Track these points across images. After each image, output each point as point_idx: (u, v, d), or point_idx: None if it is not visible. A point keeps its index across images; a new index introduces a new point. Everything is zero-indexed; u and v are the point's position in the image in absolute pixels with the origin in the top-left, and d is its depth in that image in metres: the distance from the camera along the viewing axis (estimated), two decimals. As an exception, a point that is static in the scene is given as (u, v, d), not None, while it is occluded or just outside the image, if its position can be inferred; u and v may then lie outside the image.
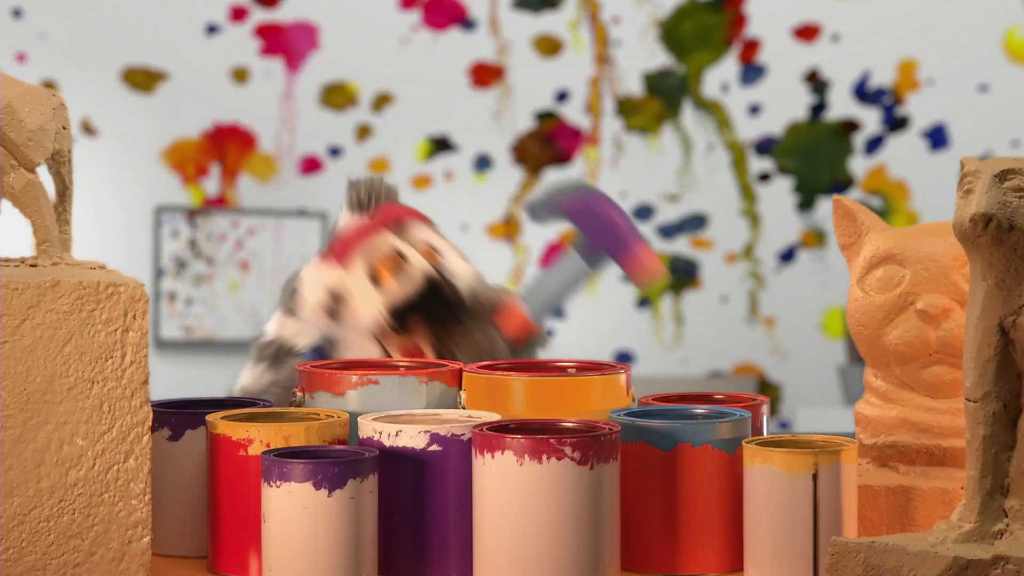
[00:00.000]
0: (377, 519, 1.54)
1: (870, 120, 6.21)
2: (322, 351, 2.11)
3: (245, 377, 2.15)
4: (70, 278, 1.52)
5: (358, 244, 2.10)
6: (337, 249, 2.11)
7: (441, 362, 1.81)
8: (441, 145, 6.23)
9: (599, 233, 2.22)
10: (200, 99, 6.08)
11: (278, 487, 1.50)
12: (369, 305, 2.06)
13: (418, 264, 2.07)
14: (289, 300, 2.18)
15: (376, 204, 2.14)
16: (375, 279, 2.07)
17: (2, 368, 1.48)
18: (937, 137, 6.18)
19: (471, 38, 6.24)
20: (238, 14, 6.11)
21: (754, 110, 6.25)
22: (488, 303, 2.12)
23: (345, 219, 2.15)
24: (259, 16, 6.13)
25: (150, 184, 6.05)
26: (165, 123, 6.08)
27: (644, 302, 6.29)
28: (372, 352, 2.06)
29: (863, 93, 6.22)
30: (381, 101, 6.21)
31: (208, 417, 1.64)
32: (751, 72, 6.26)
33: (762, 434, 1.74)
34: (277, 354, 2.19)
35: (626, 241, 2.22)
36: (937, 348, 1.69)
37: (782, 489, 1.53)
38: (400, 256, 2.08)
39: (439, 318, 2.09)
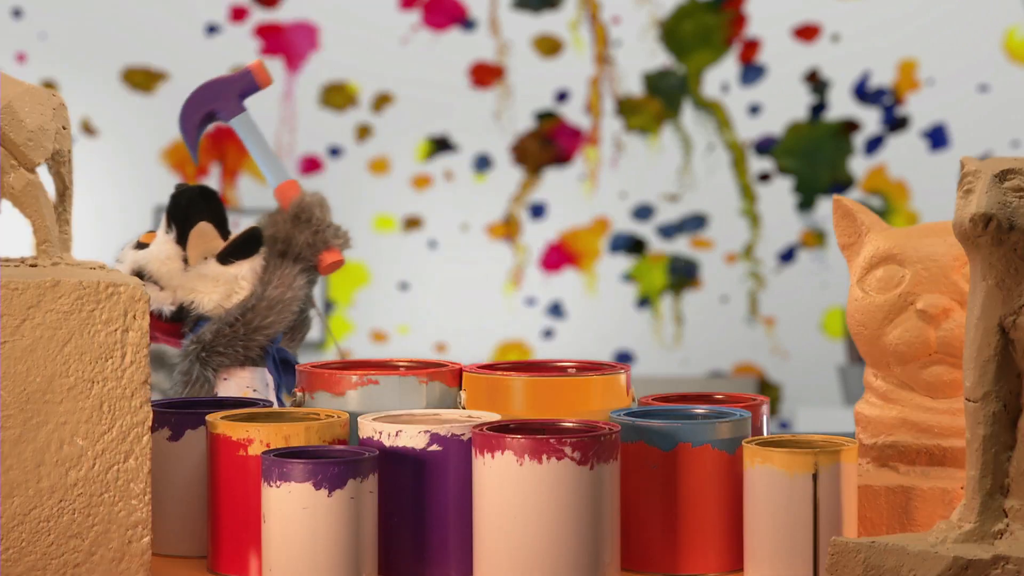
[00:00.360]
0: (377, 519, 1.54)
1: (870, 120, 6.21)
2: (195, 327, 2.13)
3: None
4: (70, 278, 1.52)
5: None
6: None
7: (441, 362, 1.81)
8: (441, 145, 6.23)
9: (212, 95, 2.29)
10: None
11: (278, 487, 1.50)
12: (158, 255, 2.10)
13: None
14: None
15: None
16: (141, 244, 2.13)
17: (2, 368, 1.48)
18: (937, 137, 6.18)
19: (471, 38, 6.24)
20: (238, 14, 6.11)
21: (754, 110, 6.25)
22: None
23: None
24: (259, 16, 6.13)
25: (150, 184, 6.05)
26: (165, 123, 6.07)
27: (644, 302, 6.29)
28: (204, 272, 2.09)
29: (863, 93, 6.22)
30: (381, 101, 6.21)
31: (208, 417, 1.64)
32: (751, 72, 6.26)
33: (762, 434, 1.74)
34: (157, 360, 2.23)
35: (226, 83, 2.28)
36: (937, 348, 1.69)
37: (782, 489, 1.53)
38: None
39: (213, 214, 2.15)
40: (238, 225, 2.20)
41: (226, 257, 2.09)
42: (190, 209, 2.14)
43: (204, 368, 2.01)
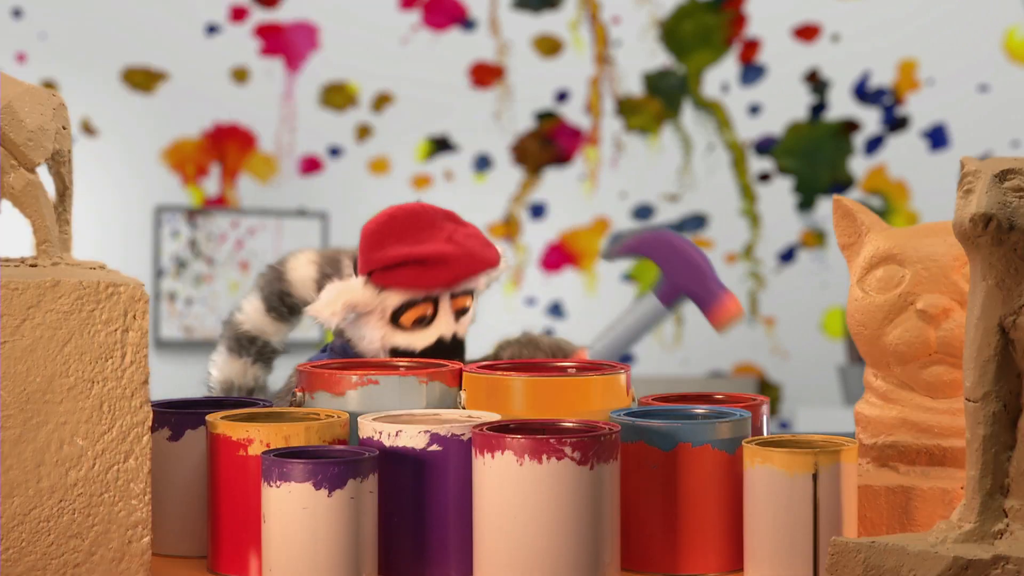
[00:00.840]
0: (377, 519, 1.54)
1: (870, 120, 6.21)
2: (340, 348, 2.14)
3: (227, 368, 2.17)
4: (70, 278, 1.52)
5: (401, 276, 2.11)
6: (376, 272, 2.11)
7: (441, 362, 1.81)
8: (441, 145, 6.23)
9: (680, 272, 2.24)
10: (200, 99, 6.08)
11: (278, 487, 1.50)
12: (377, 337, 2.09)
13: (441, 326, 2.10)
14: (274, 297, 2.20)
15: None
16: (396, 319, 2.09)
17: (2, 368, 1.48)
18: (937, 137, 6.18)
19: (471, 38, 6.24)
20: (238, 14, 6.11)
21: (754, 110, 6.25)
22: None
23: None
24: (259, 16, 6.13)
25: (150, 184, 6.05)
26: (165, 123, 6.08)
27: (644, 302, 6.29)
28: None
29: (863, 93, 6.22)
30: (381, 101, 6.21)
31: (208, 417, 1.64)
32: (751, 72, 6.26)
33: (762, 434, 1.74)
34: (262, 351, 2.21)
35: (707, 282, 2.23)
36: (937, 348, 1.69)
37: (782, 489, 1.53)
38: (430, 312, 2.11)
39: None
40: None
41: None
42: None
43: None
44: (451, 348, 2.09)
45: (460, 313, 2.13)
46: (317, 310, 2.09)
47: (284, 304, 2.22)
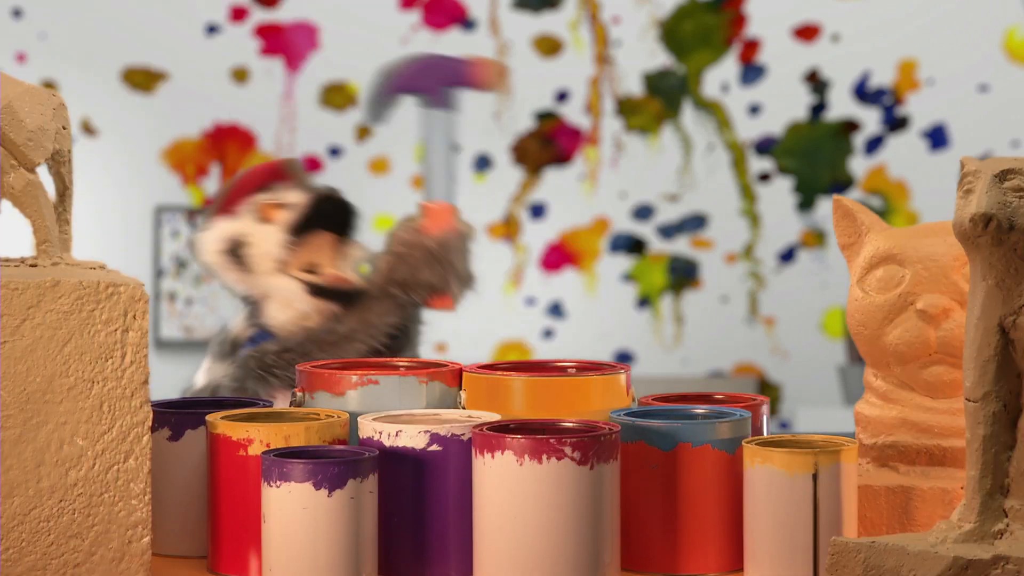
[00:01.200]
0: (377, 519, 1.54)
1: (870, 120, 6.21)
2: (258, 336, 2.15)
3: (200, 376, 2.20)
4: (70, 278, 1.52)
5: (240, 198, 2.18)
6: (223, 205, 2.18)
7: (441, 362, 1.81)
8: (441, 145, 6.22)
9: (430, 78, 2.23)
10: (200, 99, 6.08)
11: (278, 487, 1.50)
12: (267, 239, 2.13)
13: (298, 196, 2.15)
14: (247, 305, 2.24)
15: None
16: (264, 218, 2.14)
17: (2, 368, 1.48)
18: (937, 137, 6.18)
19: (471, 38, 6.24)
20: (238, 14, 6.11)
21: (754, 110, 6.25)
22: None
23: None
24: (259, 16, 6.13)
25: (150, 184, 6.05)
26: (165, 123, 6.08)
27: (644, 302, 6.29)
28: (288, 287, 2.11)
29: (863, 93, 6.21)
30: (381, 101, 6.20)
31: (208, 417, 1.64)
32: (751, 72, 6.25)
33: (762, 434, 1.74)
34: (231, 348, 2.23)
35: (453, 68, 2.23)
36: (937, 348, 1.69)
37: (782, 489, 1.53)
38: (279, 201, 2.15)
39: (338, 226, 2.17)
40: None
41: (319, 293, 2.11)
42: (324, 216, 2.16)
43: (257, 384, 2.04)
44: (337, 199, 2.15)
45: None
46: (202, 255, 2.16)
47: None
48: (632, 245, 6.27)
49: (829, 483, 1.53)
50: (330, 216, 2.16)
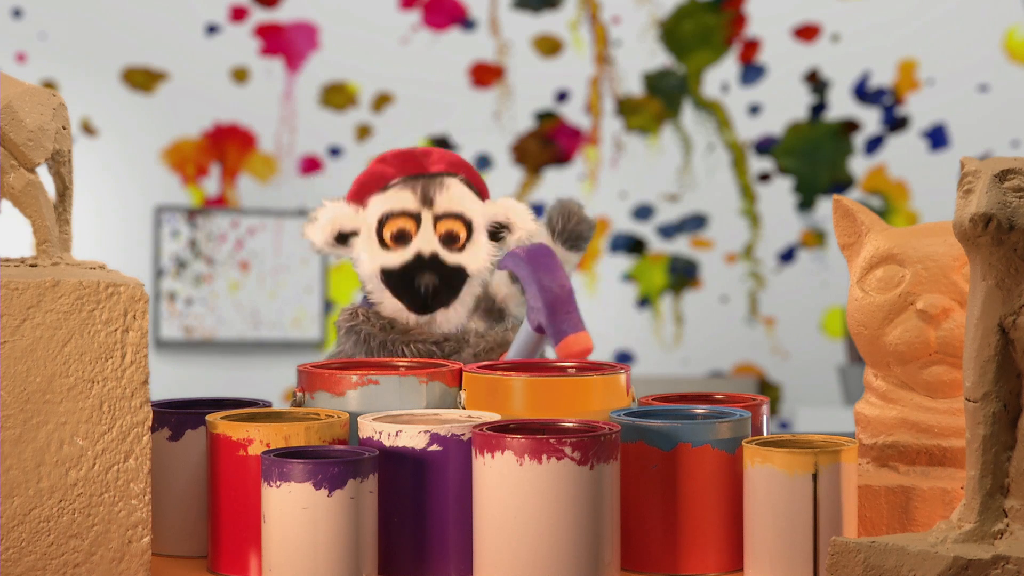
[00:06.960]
0: (377, 519, 1.54)
1: (870, 120, 6.21)
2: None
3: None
4: (70, 278, 1.52)
5: (365, 186, 2.19)
6: (359, 191, 2.19)
7: (441, 362, 1.81)
8: (441, 145, 6.23)
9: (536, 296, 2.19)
10: (200, 99, 6.08)
11: (278, 487, 1.50)
12: (366, 258, 2.14)
13: (420, 242, 2.13)
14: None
15: (566, 227, 2.31)
16: (381, 238, 2.15)
17: (2, 368, 1.48)
18: (937, 137, 6.18)
19: (471, 38, 6.24)
20: (238, 14, 6.11)
21: (754, 110, 6.25)
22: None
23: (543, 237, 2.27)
24: (259, 16, 6.13)
25: (150, 184, 6.05)
26: (165, 123, 6.08)
27: (644, 302, 6.29)
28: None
29: (863, 93, 6.22)
30: (381, 101, 6.21)
31: (208, 417, 1.64)
32: (751, 72, 6.26)
33: (762, 434, 1.74)
34: (499, 315, 2.30)
35: (556, 317, 2.17)
36: (937, 348, 1.69)
37: (782, 489, 1.53)
38: (411, 228, 2.15)
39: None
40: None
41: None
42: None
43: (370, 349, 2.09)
44: (431, 266, 2.11)
45: (450, 239, 2.16)
46: (311, 234, 2.16)
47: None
48: (632, 245, 6.27)
49: (829, 483, 1.53)
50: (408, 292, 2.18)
